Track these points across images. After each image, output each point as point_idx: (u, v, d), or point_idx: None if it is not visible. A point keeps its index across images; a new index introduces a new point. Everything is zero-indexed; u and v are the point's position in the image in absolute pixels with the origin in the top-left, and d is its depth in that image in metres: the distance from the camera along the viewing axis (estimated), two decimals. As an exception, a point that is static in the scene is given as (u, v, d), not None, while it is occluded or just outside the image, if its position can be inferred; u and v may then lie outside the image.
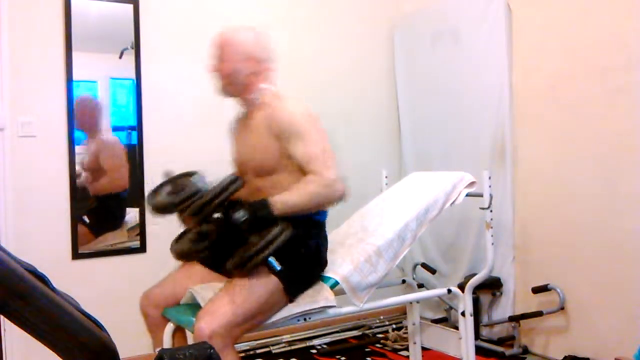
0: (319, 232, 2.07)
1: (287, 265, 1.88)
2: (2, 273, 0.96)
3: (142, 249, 3.08)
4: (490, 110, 3.22)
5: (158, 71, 3.13)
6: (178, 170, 3.14)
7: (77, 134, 2.94)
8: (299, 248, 1.95)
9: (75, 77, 2.90)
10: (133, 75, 3.06)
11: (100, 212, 3.05)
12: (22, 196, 2.80)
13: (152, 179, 2.93)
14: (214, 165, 3.26)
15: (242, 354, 3.10)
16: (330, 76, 3.56)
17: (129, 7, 3.04)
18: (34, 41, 2.84)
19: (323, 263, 2.05)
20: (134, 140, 3.08)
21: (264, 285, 1.84)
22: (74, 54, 2.89)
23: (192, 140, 3.23)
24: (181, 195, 1.90)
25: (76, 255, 2.92)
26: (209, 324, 1.73)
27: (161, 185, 2.02)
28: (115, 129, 3.10)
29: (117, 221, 3.09)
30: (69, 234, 2.91)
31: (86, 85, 3.00)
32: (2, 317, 1.37)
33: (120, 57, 3.05)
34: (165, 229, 3.12)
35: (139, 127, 3.07)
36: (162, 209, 1.96)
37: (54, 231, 2.88)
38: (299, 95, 3.47)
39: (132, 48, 3.05)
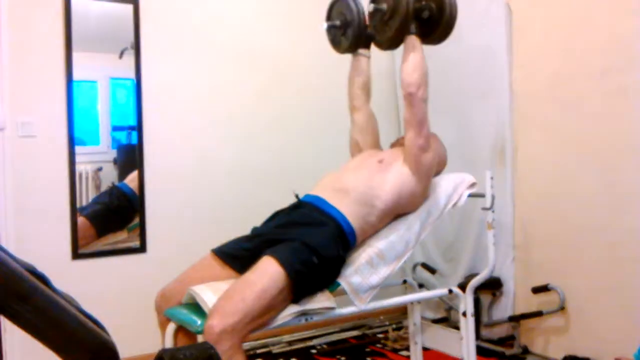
0: (345, 248, 2.09)
1: (306, 267, 1.91)
2: (2, 273, 0.95)
3: (142, 249, 3.08)
4: (490, 110, 3.22)
5: (158, 71, 3.13)
6: (180, 168, 3.16)
7: (77, 134, 2.94)
8: (322, 254, 1.97)
9: (75, 77, 2.90)
10: (133, 75, 3.06)
11: (110, 213, 3.07)
12: (22, 196, 2.80)
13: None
14: (214, 165, 3.29)
15: (242, 354, 3.10)
16: (330, 76, 3.56)
17: (129, 7, 3.04)
18: (34, 41, 2.84)
19: (336, 275, 2.06)
20: (134, 140, 3.08)
21: (274, 284, 1.83)
22: (74, 54, 2.89)
23: (192, 140, 3.23)
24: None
25: (76, 255, 2.92)
26: (219, 323, 1.72)
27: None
28: (115, 128, 3.11)
29: (124, 224, 3.09)
30: (69, 234, 2.91)
31: (86, 85, 3.01)
32: (2, 317, 1.37)
33: (120, 57, 3.05)
34: (165, 229, 3.14)
35: (139, 127, 3.07)
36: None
37: (54, 231, 2.88)
38: (300, 96, 3.51)
39: (132, 48, 3.05)
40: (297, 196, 2.26)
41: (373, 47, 2.57)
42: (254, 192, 3.33)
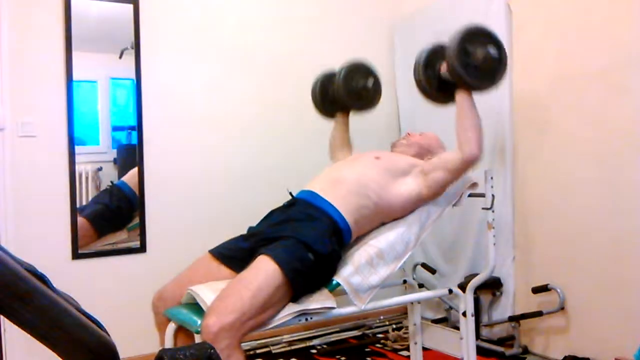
0: (339, 243, 2.10)
1: (302, 264, 1.91)
2: (2, 273, 0.95)
3: (142, 249, 3.08)
4: (490, 110, 3.22)
5: (158, 71, 3.13)
6: (180, 168, 3.16)
7: (77, 134, 2.94)
8: (317, 250, 1.96)
9: (75, 77, 2.91)
10: (133, 75, 3.06)
11: (110, 213, 3.07)
12: (22, 196, 2.80)
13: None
14: (213, 165, 3.29)
15: (242, 354, 3.10)
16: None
17: (129, 7, 3.04)
18: (34, 41, 2.84)
19: (333, 271, 2.06)
20: (134, 140, 3.08)
21: (270, 282, 1.83)
22: (74, 54, 2.89)
23: (192, 140, 3.23)
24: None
25: (76, 255, 2.93)
26: (216, 322, 1.72)
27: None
28: (115, 129, 3.11)
29: (124, 224, 3.09)
30: (69, 234, 2.91)
31: (86, 85, 3.01)
32: (2, 317, 1.37)
33: (120, 57, 3.05)
34: (165, 229, 3.14)
35: (139, 127, 3.08)
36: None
37: (54, 231, 2.88)
38: (299, 96, 3.51)
39: (132, 48, 3.05)
40: (290, 193, 2.27)
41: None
42: (254, 192, 3.33)
